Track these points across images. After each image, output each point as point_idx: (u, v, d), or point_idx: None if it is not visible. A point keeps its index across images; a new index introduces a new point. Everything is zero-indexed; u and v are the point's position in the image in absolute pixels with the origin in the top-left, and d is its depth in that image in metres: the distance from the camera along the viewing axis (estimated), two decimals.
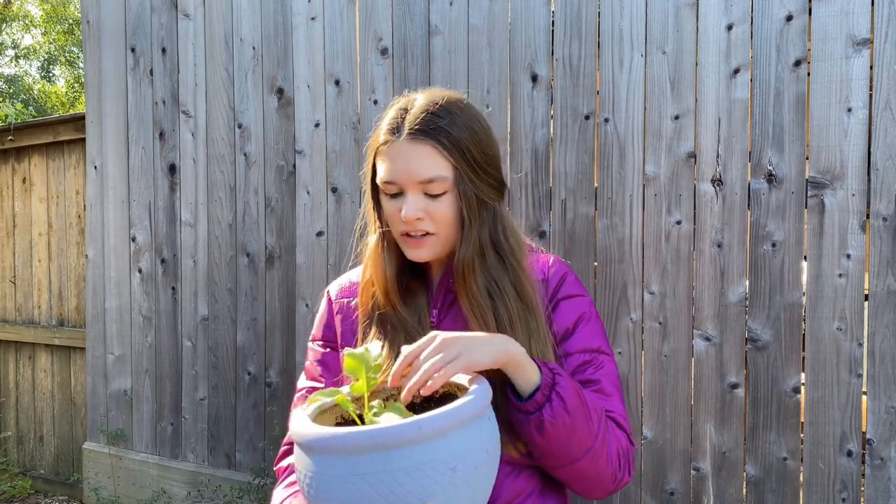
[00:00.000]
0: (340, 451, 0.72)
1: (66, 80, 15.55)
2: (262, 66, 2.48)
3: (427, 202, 0.98)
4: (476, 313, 0.98)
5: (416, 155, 0.96)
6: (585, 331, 1.04)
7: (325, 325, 1.14)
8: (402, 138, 0.97)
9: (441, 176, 0.96)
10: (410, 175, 0.97)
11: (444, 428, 0.73)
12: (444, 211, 0.98)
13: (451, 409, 0.74)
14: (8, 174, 3.48)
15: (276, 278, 2.47)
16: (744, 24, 1.76)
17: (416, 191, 0.97)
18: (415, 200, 0.97)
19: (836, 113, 1.67)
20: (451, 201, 0.99)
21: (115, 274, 2.86)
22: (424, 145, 0.96)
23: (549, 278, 1.07)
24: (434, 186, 0.97)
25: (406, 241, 1.01)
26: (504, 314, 0.98)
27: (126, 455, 2.83)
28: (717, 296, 1.80)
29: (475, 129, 1.00)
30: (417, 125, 0.96)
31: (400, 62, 2.22)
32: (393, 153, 0.98)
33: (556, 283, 1.06)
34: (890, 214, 1.63)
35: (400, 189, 0.99)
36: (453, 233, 1.01)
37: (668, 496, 1.86)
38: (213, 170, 2.59)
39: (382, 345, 1.00)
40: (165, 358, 2.73)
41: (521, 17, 2.02)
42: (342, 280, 1.18)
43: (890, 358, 1.64)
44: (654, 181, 1.87)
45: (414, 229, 0.99)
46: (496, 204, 1.03)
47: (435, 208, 0.98)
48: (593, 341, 1.04)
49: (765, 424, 1.76)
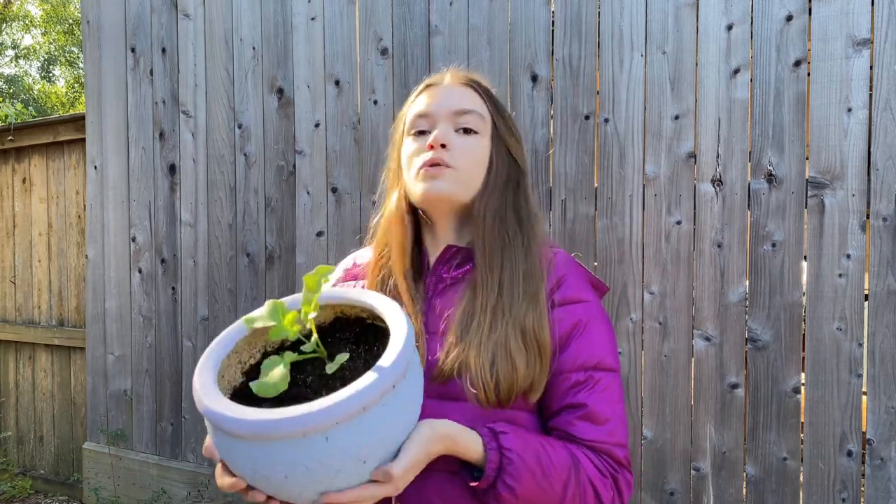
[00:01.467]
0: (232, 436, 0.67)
1: (66, 80, 15.56)
2: (262, 66, 2.47)
3: (457, 137, 0.96)
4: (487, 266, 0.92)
5: (457, 92, 0.99)
6: (580, 344, 0.92)
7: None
8: (445, 82, 1.00)
9: (478, 112, 0.97)
10: (448, 103, 0.97)
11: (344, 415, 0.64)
12: (471, 148, 0.96)
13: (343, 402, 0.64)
14: (8, 174, 3.48)
15: (276, 278, 2.47)
16: (744, 24, 1.76)
17: (448, 123, 0.97)
18: (445, 128, 0.96)
19: (836, 113, 1.67)
20: (482, 145, 0.98)
21: (115, 274, 2.86)
22: (467, 88, 1.00)
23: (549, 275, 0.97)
24: (468, 118, 0.97)
25: (424, 173, 0.95)
26: (508, 276, 0.92)
27: (126, 455, 2.83)
28: (717, 296, 1.80)
29: (506, 109, 1.05)
30: (461, 76, 1.01)
31: (400, 62, 2.22)
32: (433, 92, 1.00)
33: (553, 284, 0.95)
34: (890, 214, 1.63)
35: (432, 124, 0.98)
36: (472, 179, 0.96)
37: (668, 496, 1.86)
38: (213, 170, 2.59)
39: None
40: (165, 358, 2.73)
41: (521, 17, 2.02)
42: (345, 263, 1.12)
43: (890, 358, 1.64)
44: (654, 181, 1.87)
45: (438, 157, 0.94)
46: (522, 170, 1.02)
47: (463, 142, 0.96)
48: (591, 356, 0.92)
49: (765, 424, 1.76)
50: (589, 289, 0.98)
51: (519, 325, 0.89)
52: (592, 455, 0.89)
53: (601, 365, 0.93)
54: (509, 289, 0.91)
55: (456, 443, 0.81)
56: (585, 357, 0.92)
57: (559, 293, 0.95)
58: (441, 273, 0.98)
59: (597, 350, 0.93)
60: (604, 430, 0.90)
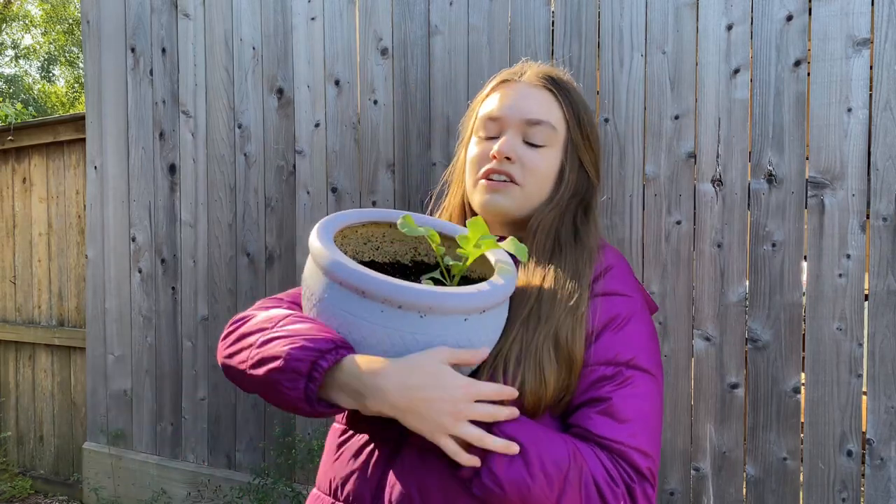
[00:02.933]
0: (367, 294, 0.72)
1: (66, 80, 15.56)
2: (262, 66, 2.47)
3: (525, 149, 0.90)
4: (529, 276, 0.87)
5: (532, 95, 0.92)
6: (615, 338, 0.84)
7: None
8: (523, 79, 0.93)
9: (550, 123, 0.91)
10: (519, 110, 0.91)
11: (472, 308, 0.74)
12: (540, 164, 0.90)
13: (488, 292, 0.75)
14: (8, 174, 3.48)
15: (276, 278, 2.47)
16: (744, 24, 1.76)
17: (517, 132, 0.91)
18: (513, 138, 0.90)
19: (836, 113, 1.67)
20: (552, 158, 0.92)
21: (115, 274, 2.86)
22: (545, 91, 0.92)
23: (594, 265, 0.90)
24: (539, 131, 0.90)
25: (485, 184, 0.91)
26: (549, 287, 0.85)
27: (126, 455, 2.83)
28: (717, 296, 1.80)
29: (587, 104, 0.97)
30: (541, 75, 0.94)
31: (400, 62, 2.22)
32: (507, 91, 0.93)
33: (598, 273, 0.88)
34: (890, 214, 1.63)
35: (501, 129, 0.92)
36: (535, 195, 0.91)
37: (669, 496, 1.86)
38: (213, 170, 2.59)
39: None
40: (165, 358, 2.73)
41: (521, 17, 2.02)
42: None
43: (890, 358, 1.64)
44: (654, 181, 1.87)
45: (500, 168, 0.89)
46: (594, 185, 0.96)
47: (530, 157, 0.90)
48: (623, 352, 0.83)
49: (765, 424, 1.76)
50: (636, 287, 0.91)
51: (553, 337, 0.81)
52: (604, 457, 0.78)
53: (634, 362, 0.83)
54: (549, 299, 0.83)
55: None
56: (618, 351, 0.83)
57: (602, 284, 0.87)
58: None
59: (634, 347, 0.84)
60: (623, 429, 0.80)
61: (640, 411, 0.82)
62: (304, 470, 2.39)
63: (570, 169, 0.93)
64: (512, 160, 0.90)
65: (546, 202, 0.92)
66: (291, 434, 2.43)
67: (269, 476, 2.42)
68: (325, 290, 0.76)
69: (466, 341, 0.75)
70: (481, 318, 0.76)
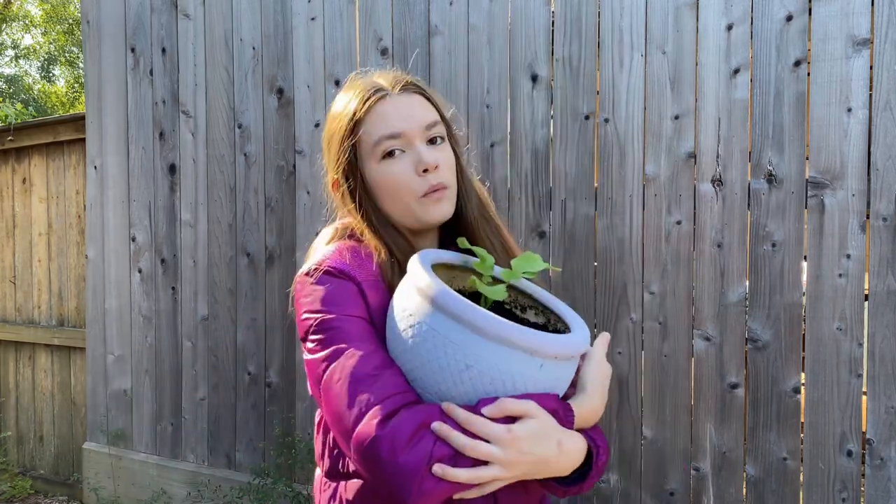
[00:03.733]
0: (474, 328, 0.74)
1: (66, 80, 15.56)
2: (262, 66, 2.48)
3: (434, 151, 0.94)
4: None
5: (414, 103, 0.95)
6: None
7: (357, 304, 0.91)
8: (393, 93, 0.94)
9: (438, 120, 0.96)
10: (416, 120, 0.93)
11: (571, 354, 0.79)
12: (448, 158, 0.96)
13: (580, 341, 0.80)
14: (8, 174, 3.48)
15: (276, 278, 2.47)
16: (744, 24, 1.76)
17: (422, 140, 0.93)
18: (427, 149, 0.93)
19: (836, 113, 1.67)
20: (449, 150, 0.97)
21: (115, 274, 2.86)
22: (417, 96, 0.96)
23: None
24: (437, 129, 0.95)
25: (428, 201, 0.93)
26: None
27: (126, 455, 2.83)
28: (717, 296, 1.80)
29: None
30: (402, 83, 0.96)
31: (400, 62, 2.22)
32: (389, 107, 0.93)
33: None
34: (890, 214, 1.63)
35: (405, 143, 0.92)
36: (455, 186, 0.98)
37: (669, 496, 1.86)
38: (213, 170, 2.59)
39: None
40: (165, 358, 2.73)
41: (521, 17, 2.02)
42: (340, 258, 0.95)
43: (890, 358, 1.64)
44: (654, 181, 1.86)
45: (437, 180, 0.92)
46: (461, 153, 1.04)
47: (443, 157, 0.94)
48: None
49: (765, 424, 1.76)
50: None
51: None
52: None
53: None
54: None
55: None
56: None
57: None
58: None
59: None
60: None
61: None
62: (304, 470, 2.39)
63: (458, 151, 1.00)
64: (439, 167, 0.94)
65: (464, 191, 1.00)
66: (291, 434, 2.43)
67: (269, 476, 2.42)
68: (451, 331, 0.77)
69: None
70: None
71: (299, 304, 0.93)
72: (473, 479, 0.74)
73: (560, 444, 0.79)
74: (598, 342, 0.91)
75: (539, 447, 0.77)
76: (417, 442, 0.75)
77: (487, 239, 1.00)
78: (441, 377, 0.77)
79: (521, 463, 0.76)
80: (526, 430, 0.76)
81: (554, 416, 0.79)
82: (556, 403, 0.79)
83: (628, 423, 1.91)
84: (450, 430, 0.75)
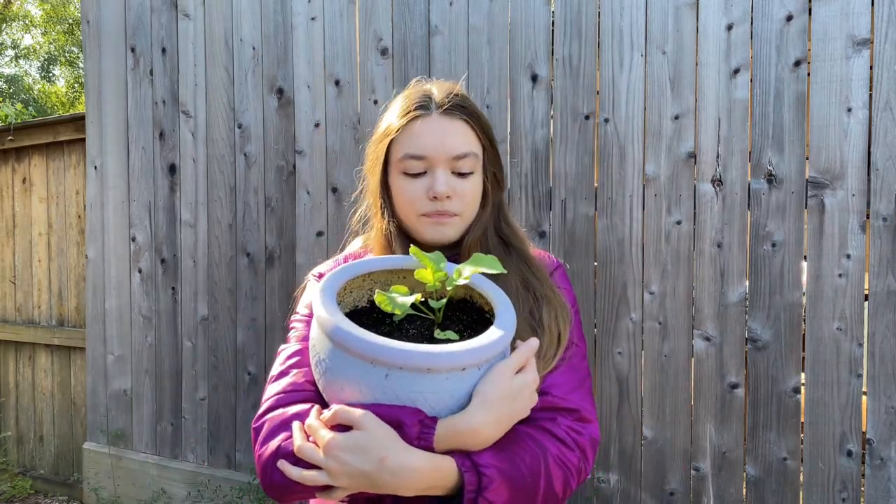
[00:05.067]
0: (365, 359, 0.73)
1: (66, 80, 15.56)
2: (262, 66, 2.48)
3: (455, 181, 0.95)
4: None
5: (452, 129, 0.95)
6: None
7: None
8: (434, 113, 0.95)
9: (473, 153, 0.96)
10: (446, 149, 0.94)
11: (474, 363, 0.75)
12: (471, 191, 0.97)
13: (486, 347, 0.76)
14: (8, 174, 3.48)
15: (276, 278, 2.47)
16: (744, 24, 1.76)
17: (446, 167, 0.95)
18: (445, 176, 0.95)
19: (836, 113, 1.67)
20: (477, 181, 0.98)
21: (115, 274, 2.86)
22: (459, 121, 0.96)
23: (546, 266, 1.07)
24: (466, 163, 0.95)
25: (428, 221, 0.97)
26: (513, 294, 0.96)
27: (126, 455, 2.83)
28: (717, 296, 1.80)
29: (485, 116, 1.03)
30: (449, 102, 0.96)
31: (400, 62, 2.22)
32: (425, 128, 0.95)
33: (551, 270, 1.05)
34: (890, 214, 1.63)
35: (427, 166, 0.95)
36: (471, 216, 0.99)
37: (669, 496, 1.86)
38: (213, 170, 2.59)
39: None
40: (165, 358, 2.73)
41: (521, 17, 2.02)
42: (332, 262, 1.11)
43: (890, 358, 1.64)
44: (654, 181, 1.86)
45: (444, 208, 0.95)
46: (502, 191, 1.05)
47: (462, 188, 0.96)
48: (573, 333, 1.01)
49: (765, 424, 1.76)
50: (570, 282, 1.09)
51: (552, 333, 0.95)
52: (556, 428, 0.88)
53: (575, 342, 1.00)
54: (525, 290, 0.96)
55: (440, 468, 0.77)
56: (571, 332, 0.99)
57: (555, 279, 1.04)
58: None
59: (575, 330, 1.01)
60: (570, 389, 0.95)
61: (581, 379, 0.97)
62: None
63: (491, 186, 1.00)
64: (452, 198, 0.95)
65: (476, 221, 1.00)
66: None
67: None
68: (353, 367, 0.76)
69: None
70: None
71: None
72: (302, 479, 0.76)
73: (383, 460, 0.73)
74: (517, 351, 0.81)
75: (357, 460, 0.73)
76: (273, 437, 0.82)
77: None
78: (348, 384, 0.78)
79: (343, 474, 0.74)
80: (345, 441, 0.74)
81: (398, 430, 0.74)
82: (406, 417, 0.74)
83: (628, 423, 1.91)
84: (297, 431, 0.79)
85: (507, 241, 1.02)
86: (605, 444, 1.94)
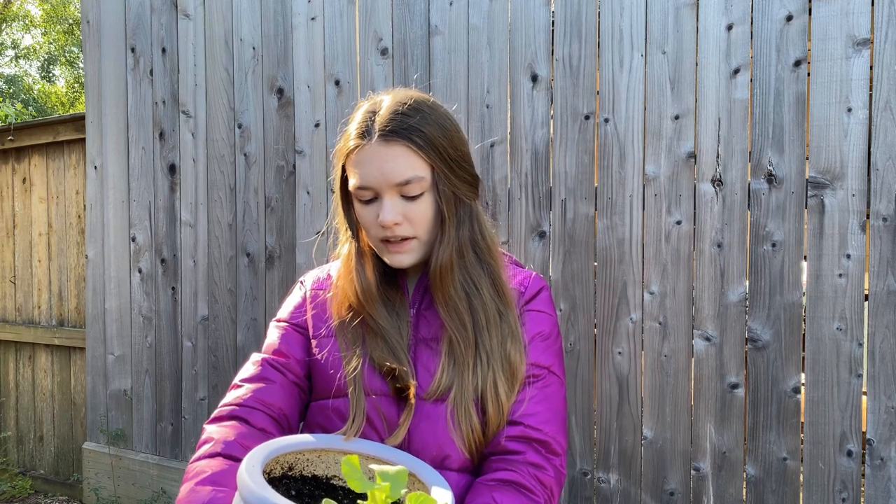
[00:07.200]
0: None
1: (66, 80, 15.56)
2: (262, 67, 2.48)
3: (405, 205, 0.94)
4: (452, 315, 0.96)
5: (390, 156, 0.92)
6: (541, 346, 1.02)
7: (296, 309, 1.10)
8: (373, 141, 0.93)
9: (417, 176, 0.93)
10: (386, 178, 0.92)
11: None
12: (422, 213, 0.95)
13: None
14: (8, 174, 3.48)
15: (276, 278, 2.47)
16: (744, 24, 1.76)
17: (393, 194, 0.93)
18: (392, 204, 0.93)
19: (836, 113, 1.67)
20: (429, 202, 0.95)
21: (115, 274, 2.86)
22: (397, 146, 0.92)
23: (526, 290, 1.05)
24: (411, 188, 0.93)
25: (386, 247, 0.97)
26: (482, 315, 0.96)
27: (126, 455, 2.83)
28: (717, 296, 1.80)
29: (446, 126, 0.97)
30: (388, 126, 0.93)
31: (400, 62, 2.22)
32: (365, 157, 0.93)
33: (532, 294, 1.05)
34: (890, 214, 1.63)
35: (375, 194, 0.94)
36: (431, 236, 0.98)
37: (669, 496, 1.86)
38: (213, 170, 2.59)
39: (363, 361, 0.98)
40: (165, 358, 2.74)
41: (521, 17, 2.02)
42: (319, 272, 1.14)
43: (890, 358, 1.64)
44: (654, 181, 1.87)
45: (393, 235, 0.95)
46: (472, 202, 1.01)
47: (413, 211, 0.94)
48: (546, 358, 1.01)
49: (765, 424, 1.76)
50: (554, 309, 1.09)
51: (506, 361, 0.96)
52: (517, 474, 0.91)
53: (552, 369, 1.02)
54: (487, 335, 0.96)
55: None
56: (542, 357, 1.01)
57: (535, 302, 1.04)
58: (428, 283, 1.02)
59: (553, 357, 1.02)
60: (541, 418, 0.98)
61: (555, 410, 0.99)
62: None
63: (447, 204, 0.96)
64: (400, 225, 0.95)
65: (439, 240, 0.98)
66: None
67: None
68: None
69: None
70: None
71: None
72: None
73: None
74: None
75: None
76: (201, 446, 0.91)
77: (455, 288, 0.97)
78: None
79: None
80: None
81: None
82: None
83: (628, 423, 1.91)
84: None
85: (481, 256, 1.01)
86: (605, 444, 1.94)
